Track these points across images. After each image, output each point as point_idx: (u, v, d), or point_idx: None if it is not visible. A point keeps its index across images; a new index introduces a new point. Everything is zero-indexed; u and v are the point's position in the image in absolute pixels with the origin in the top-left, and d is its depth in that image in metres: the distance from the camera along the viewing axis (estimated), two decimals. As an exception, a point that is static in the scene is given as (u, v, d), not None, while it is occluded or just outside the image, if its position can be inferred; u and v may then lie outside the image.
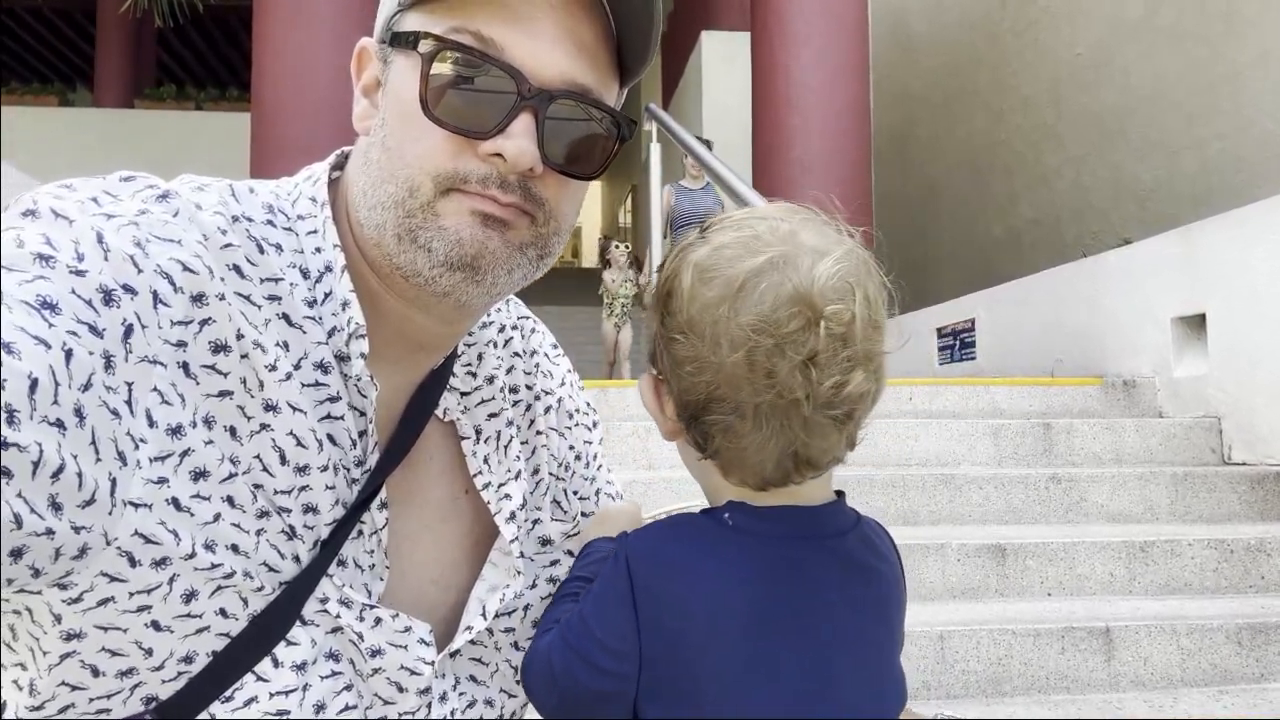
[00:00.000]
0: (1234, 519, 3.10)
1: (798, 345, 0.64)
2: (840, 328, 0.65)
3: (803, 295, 0.65)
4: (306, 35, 5.87)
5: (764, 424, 0.67)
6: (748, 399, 0.67)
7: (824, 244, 0.69)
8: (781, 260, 0.67)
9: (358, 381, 0.70)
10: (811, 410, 0.66)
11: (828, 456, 0.70)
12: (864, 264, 0.69)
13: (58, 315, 0.53)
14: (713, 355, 0.67)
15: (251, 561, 0.64)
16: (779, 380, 0.65)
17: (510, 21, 0.68)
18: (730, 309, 0.66)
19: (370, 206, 0.70)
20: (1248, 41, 5.54)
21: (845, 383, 0.65)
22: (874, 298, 0.68)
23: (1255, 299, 3.35)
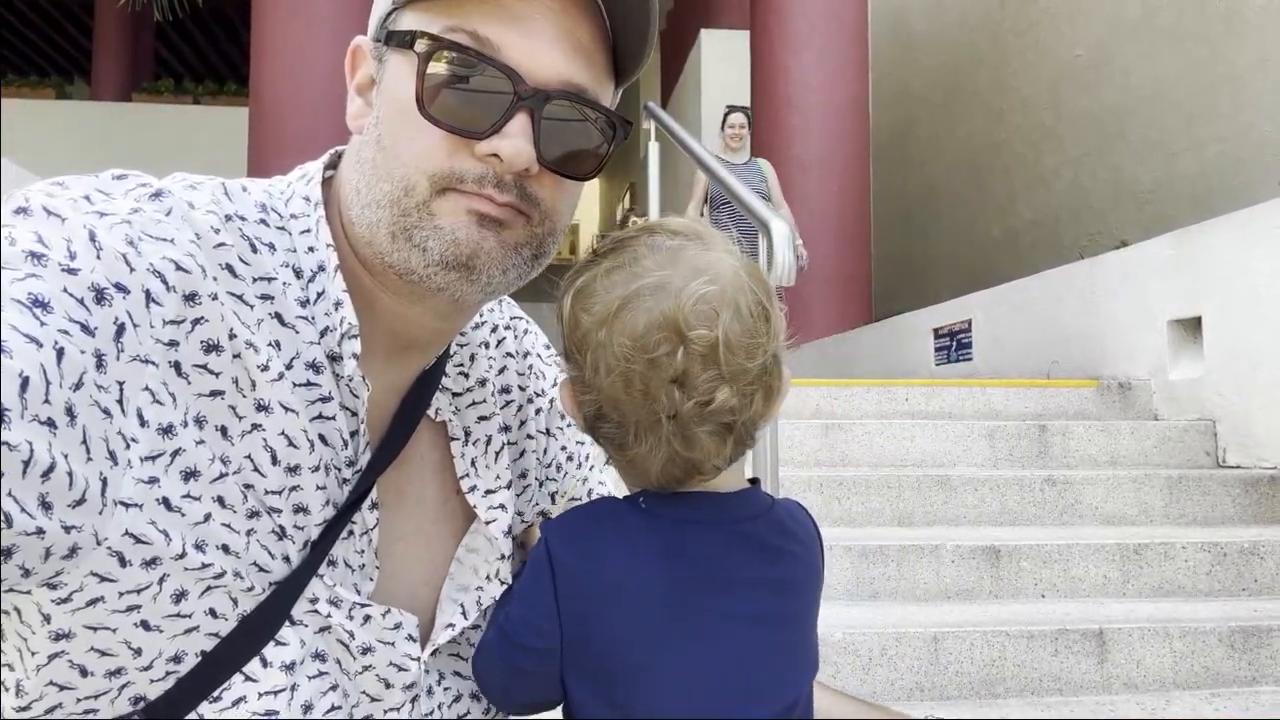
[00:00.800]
0: (1228, 522, 3.10)
1: (665, 367, 0.69)
2: (704, 349, 0.69)
3: (669, 320, 0.69)
4: (305, 31, 5.87)
5: (645, 438, 0.72)
6: (629, 415, 0.72)
7: (702, 264, 0.73)
8: (654, 286, 0.71)
9: (350, 381, 0.70)
10: (683, 425, 0.71)
11: (710, 463, 0.74)
12: (738, 281, 0.73)
13: (49, 314, 0.52)
14: (594, 377, 0.72)
15: (242, 562, 0.63)
16: (651, 399, 0.70)
17: (506, 21, 0.68)
18: (606, 334, 0.71)
19: (364, 205, 0.70)
20: (1248, 44, 5.55)
21: (710, 400, 0.70)
22: (748, 316, 0.72)
23: (1252, 303, 3.35)
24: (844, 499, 2.97)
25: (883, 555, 2.53)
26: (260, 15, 5.93)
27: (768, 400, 0.75)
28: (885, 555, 2.54)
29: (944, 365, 5.47)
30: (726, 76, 8.10)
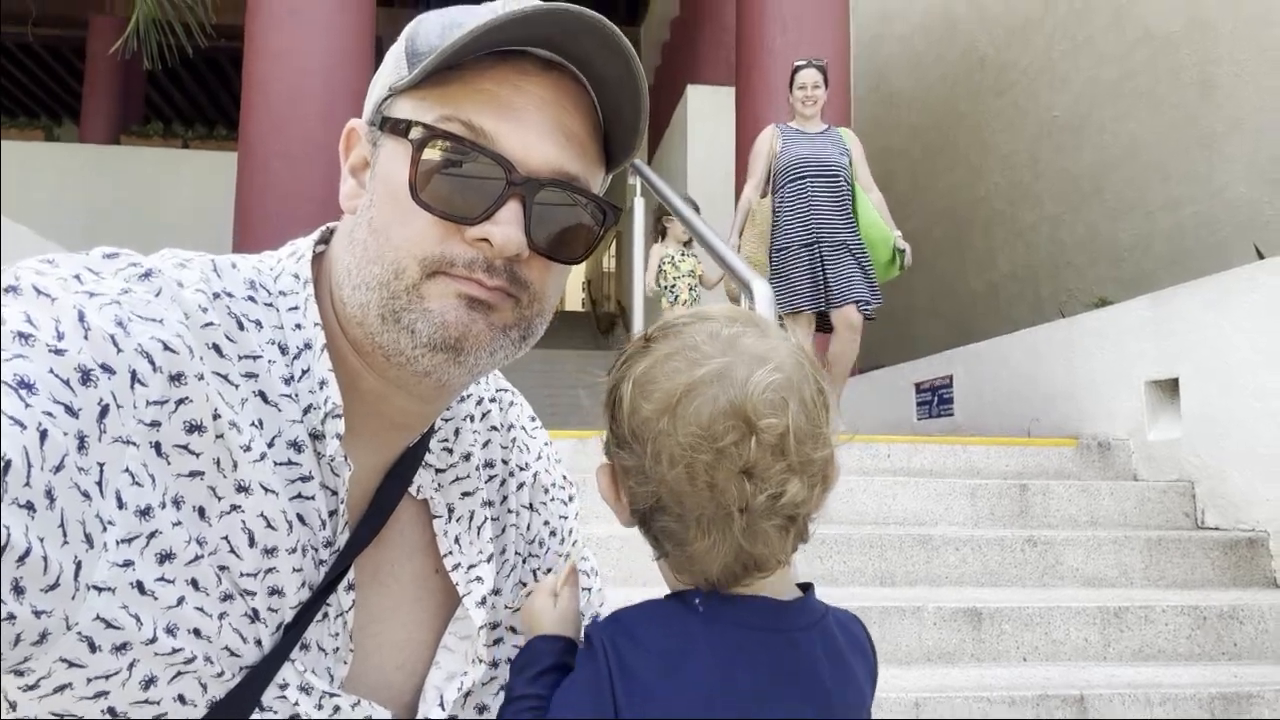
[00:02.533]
0: (1207, 584, 3.11)
1: (734, 458, 0.67)
2: (774, 439, 0.67)
3: (737, 409, 0.67)
4: (296, 77, 5.92)
5: (708, 532, 0.69)
6: (691, 509, 0.69)
7: (763, 351, 0.71)
8: (718, 373, 0.69)
9: (331, 461, 0.70)
10: (752, 519, 0.68)
11: (773, 560, 0.72)
12: (801, 371, 0.71)
13: (34, 395, 0.52)
14: (655, 468, 0.70)
15: (213, 646, 0.63)
16: (719, 491, 0.68)
17: (500, 111, 0.69)
18: (670, 423, 0.69)
19: (355, 286, 0.70)
20: (1221, 110, 5.68)
21: (781, 493, 0.68)
22: (812, 405, 0.71)
23: (1226, 366, 3.39)
24: (826, 558, 2.96)
25: (865, 616, 2.49)
26: (251, 61, 5.98)
27: (824, 491, 0.73)
28: (868, 616, 2.51)
29: (925, 420, 5.49)
30: (712, 131, 8.19)
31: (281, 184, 5.82)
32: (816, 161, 4.74)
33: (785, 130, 4.99)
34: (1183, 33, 5.99)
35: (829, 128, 4.97)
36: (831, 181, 4.71)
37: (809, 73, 4.93)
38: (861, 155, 4.94)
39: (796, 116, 4.96)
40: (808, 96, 4.92)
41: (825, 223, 4.66)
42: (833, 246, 4.62)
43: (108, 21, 12.18)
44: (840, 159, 4.79)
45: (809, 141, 4.87)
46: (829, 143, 4.88)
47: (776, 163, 4.88)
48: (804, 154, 4.79)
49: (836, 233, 4.64)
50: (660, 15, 12.98)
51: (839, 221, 4.66)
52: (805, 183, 4.70)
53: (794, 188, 4.75)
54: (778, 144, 4.93)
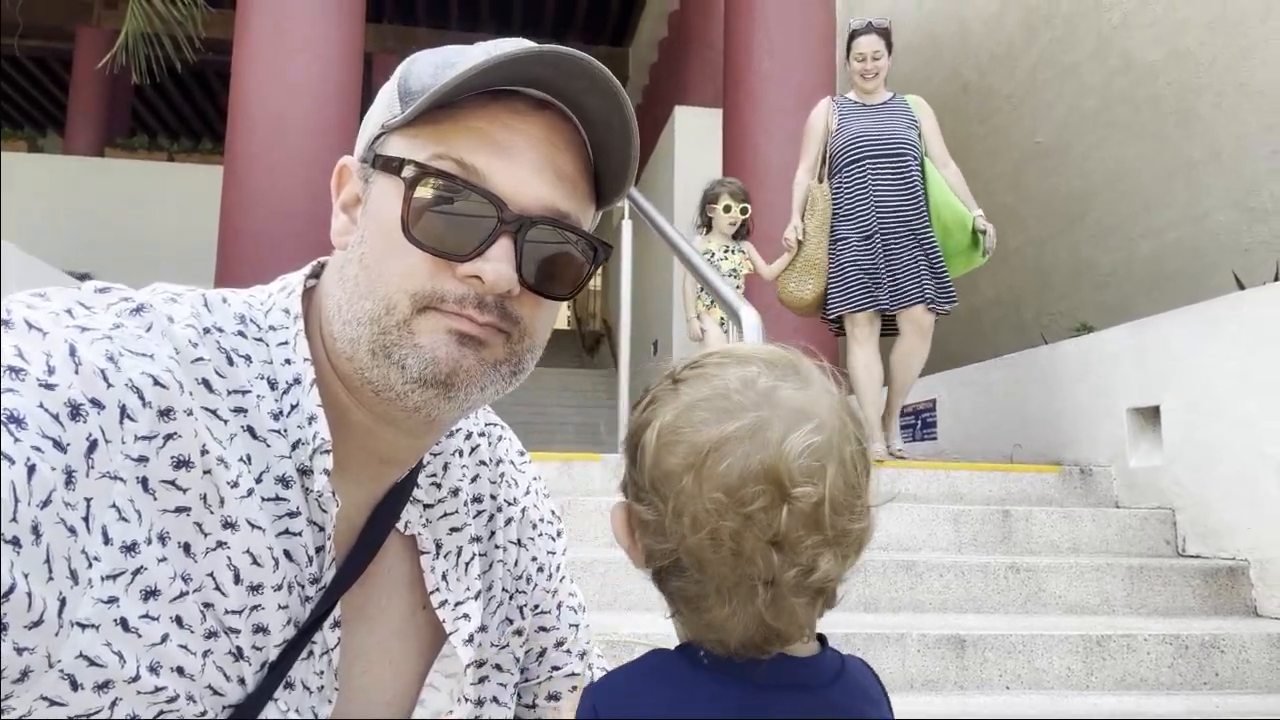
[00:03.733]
0: (1188, 613, 3.12)
1: (763, 526, 0.61)
2: (808, 509, 0.61)
3: (770, 472, 0.61)
4: (284, 93, 5.91)
5: (728, 601, 0.64)
6: (712, 575, 0.64)
7: (802, 405, 0.65)
8: (751, 430, 0.63)
9: (319, 497, 0.70)
10: (779, 594, 0.63)
11: (799, 632, 0.66)
12: (843, 428, 0.66)
13: (23, 430, 0.52)
14: (676, 527, 0.64)
15: (196, 684, 0.62)
16: (744, 560, 0.62)
17: (492, 150, 0.69)
18: (694, 482, 0.63)
19: (345, 321, 0.71)
20: (1201, 139, 5.75)
21: (813, 568, 0.62)
22: (852, 469, 0.65)
23: (1207, 395, 3.42)
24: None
25: (849, 644, 2.51)
26: (239, 76, 5.97)
27: (856, 558, 0.67)
28: (852, 644, 2.52)
29: (909, 443, 5.51)
30: (699, 152, 8.23)
31: (267, 199, 5.80)
32: (878, 138, 4.14)
33: (842, 103, 4.34)
34: (1163, 63, 6.08)
35: (893, 96, 4.31)
36: (896, 160, 4.12)
37: (868, 39, 4.23)
38: (934, 125, 4.31)
39: (855, 89, 4.33)
40: (866, 69, 4.24)
41: (888, 209, 4.10)
42: (897, 237, 4.09)
43: (94, 33, 12.15)
44: (907, 133, 4.15)
45: (870, 116, 4.22)
46: (894, 115, 4.21)
47: (832, 142, 4.25)
48: (863, 130, 4.16)
49: (902, 220, 4.08)
50: (648, 37, 13.06)
51: (905, 207, 4.09)
52: (864, 164, 4.14)
53: (852, 170, 4.16)
54: (833, 120, 4.29)
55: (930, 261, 4.09)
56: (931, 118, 4.32)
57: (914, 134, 4.19)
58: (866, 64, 4.24)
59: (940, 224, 4.11)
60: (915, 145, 4.19)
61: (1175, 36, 5.99)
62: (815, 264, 4.21)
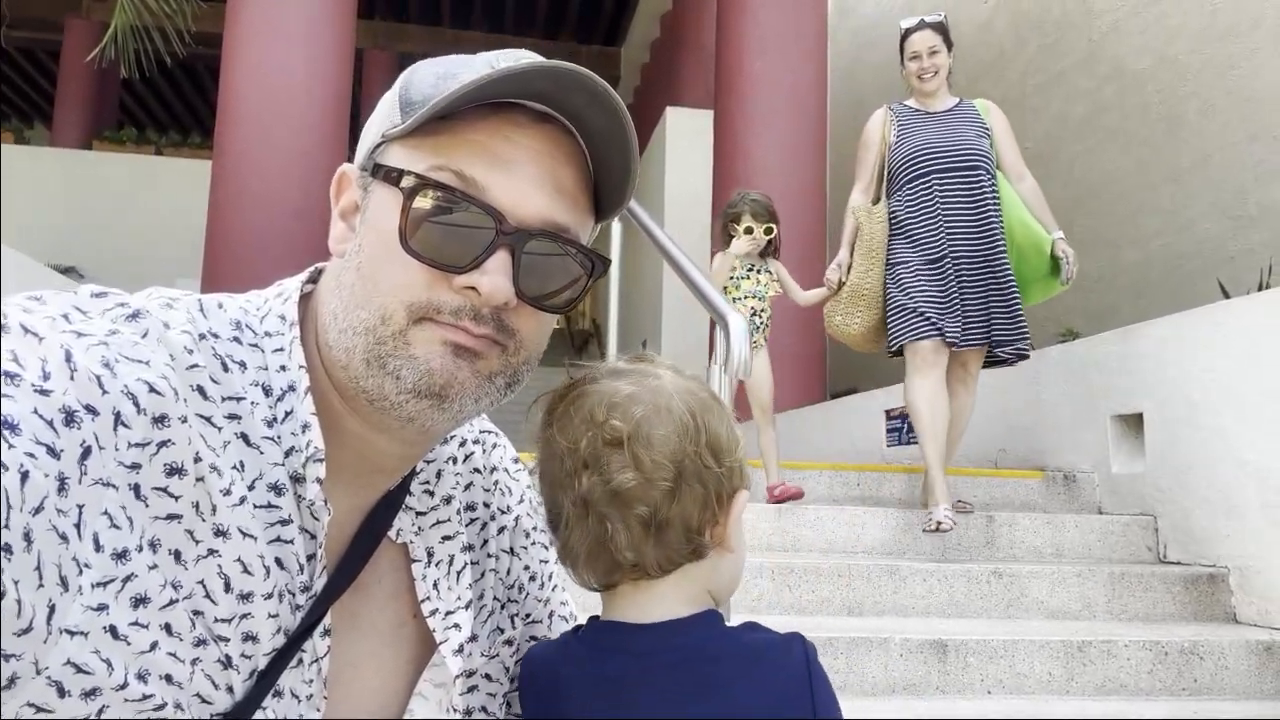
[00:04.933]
0: (1169, 619, 3.15)
1: (582, 454, 0.77)
2: (612, 436, 0.76)
3: (592, 414, 0.78)
4: (273, 88, 5.90)
5: (571, 525, 0.79)
6: (560, 501, 0.79)
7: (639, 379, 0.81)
8: (593, 391, 0.80)
9: (311, 505, 0.70)
10: (595, 508, 0.76)
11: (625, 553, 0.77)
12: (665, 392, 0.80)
13: (17, 436, 0.52)
14: (541, 470, 0.82)
15: (184, 693, 0.62)
16: (574, 482, 0.77)
17: (491, 162, 0.70)
18: (550, 431, 0.81)
19: (341, 330, 0.71)
20: (1188, 146, 5.79)
21: (611, 480, 0.75)
22: (667, 415, 0.78)
23: (1189, 403, 3.45)
24: (795, 586, 2.97)
25: (832, 647, 2.53)
26: (229, 71, 5.95)
27: (703, 508, 0.78)
28: (835, 647, 2.54)
29: (895, 447, 5.53)
30: (690, 153, 8.25)
31: (256, 194, 5.79)
32: (945, 149, 3.59)
33: (900, 112, 3.80)
34: (1151, 70, 6.12)
35: (960, 101, 3.76)
36: (967, 174, 3.57)
37: (922, 36, 3.72)
38: (1007, 131, 3.75)
39: (914, 93, 3.80)
40: (924, 68, 3.70)
41: (960, 231, 3.55)
42: (971, 263, 3.54)
43: (83, 25, 12.07)
44: (978, 141, 3.61)
45: (934, 124, 3.68)
46: (962, 122, 3.67)
47: (891, 155, 3.72)
48: (928, 140, 3.63)
49: (974, 244, 3.55)
50: (640, 37, 13.06)
51: (978, 228, 3.55)
52: (930, 179, 3.60)
53: (916, 186, 3.62)
54: (891, 131, 3.76)
55: (1004, 297, 3.54)
56: (1004, 124, 3.76)
57: (985, 143, 3.64)
58: (923, 62, 3.69)
59: (1014, 246, 3.60)
60: (987, 156, 3.63)
61: (1165, 44, 6.03)
62: (864, 294, 3.68)
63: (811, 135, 6.64)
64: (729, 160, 6.56)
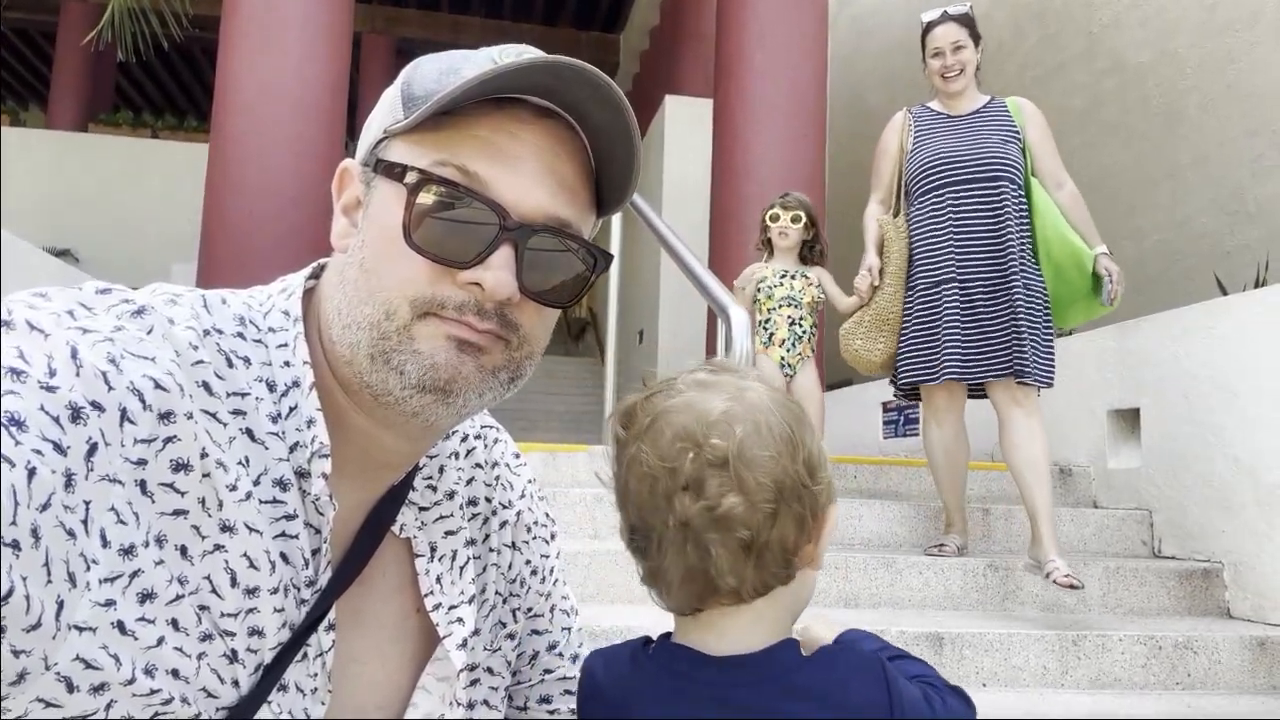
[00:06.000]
0: (1163, 613, 3.16)
1: (680, 474, 0.73)
2: (715, 457, 0.72)
3: (689, 431, 0.73)
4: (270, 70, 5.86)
5: (664, 549, 0.74)
6: (652, 525, 0.75)
7: (730, 390, 0.77)
8: (683, 404, 0.76)
9: (316, 500, 0.70)
10: (694, 533, 0.73)
11: (725, 580, 0.74)
12: (761, 406, 0.76)
13: (24, 432, 0.52)
14: (625, 489, 0.77)
15: (190, 687, 0.62)
16: (670, 505, 0.73)
17: (494, 157, 0.70)
18: (637, 447, 0.76)
19: (344, 325, 0.71)
20: (1186, 142, 5.80)
21: (717, 505, 0.72)
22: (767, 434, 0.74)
23: (1185, 399, 3.46)
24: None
25: (828, 639, 2.54)
26: (226, 54, 5.91)
27: (800, 529, 0.75)
28: (830, 639, 2.54)
29: (891, 440, 5.54)
30: (689, 141, 8.22)
31: (253, 179, 5.75)
32: (962, 157, 3.21)
33: (921, 115, 3.43)
34: (1151, 64, 6.12)
35: (990, 100, 3.36)
36: (985, 185, 3.18)
37: (945, 30, 3.33)
38: (1044, 133, 3.32)
39: (938, 96, 3.41)
40: (947, 66, 3.31)
41: (971, 249, 3.17)
42: (984, 285, 3.15)
43: (79, 6, 11.98)
44: (1004, 147, 3.21)
45: (953, 129, 3.29)
46: (987, 126, 3.27)
47: (907, 164, 3.37)
48: (943, 148, 3.26)
49: (990, 263, 3.14)
50: (640, 24, 13.01)
51: (993, 245, 3.15)
52: (943, 192, 3.22)
53: (927, 201, 3.26)
54: (908, 137, 3.40)
55: (1029, 317, 3.10)
56: (1041, 125, 3.33)
57: (1014, 148, 3.23)
58: (945, 59, 3.30)
59: (1050, 263, 3.18)
60: (1014, 163, 3.21)
61: (1164, 38, 6.02)
62: (887, 319, 3.33)
63: (811, 126, 6.62)
64: (728, 149, 6.54)
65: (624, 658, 0.81)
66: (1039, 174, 3.27)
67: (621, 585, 2.78)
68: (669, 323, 7.89)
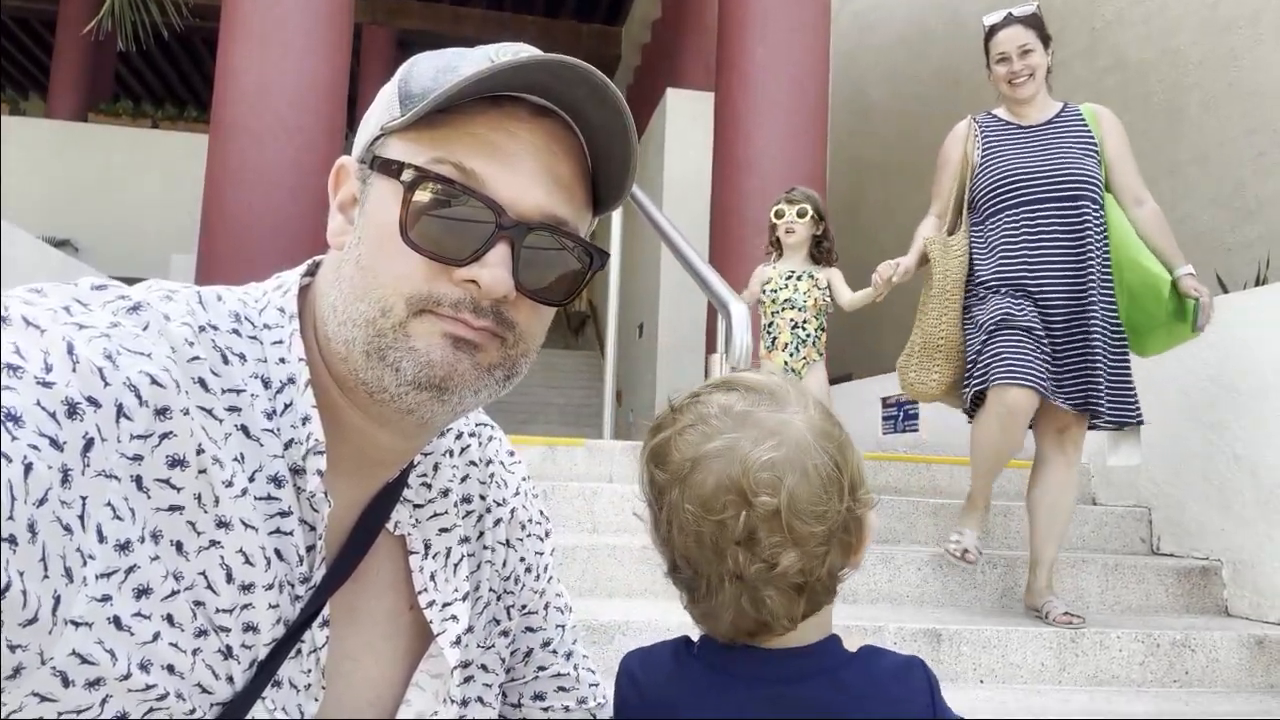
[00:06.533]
0: (1161, 611, 3.17)
1: (732, 529, 0.72)
2: (767, 514, 0.71)
3: (735, 484, 0.72)
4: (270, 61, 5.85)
5: (715, 594, 0.74)
6: (701, 570, 0.74)
7: (772, 425, 0.75)
8: (723, 449, 0.73)
9: (311, 497, 0.70)
10: (749, 587, 0.73)
11: (780, 623, 0.74)
12: (804, 447, 0.74)
13: (21, 428, 0.52)
14: (668, 532, 0.76)
15: (185, 682, 0.62)
16: (721, 558, 0.72)
17: (491, 155, 0.70)
18: (679, 494, 0.74)
19: (340, 322, 0.71)
20: (1188, 139, 5.79)
21: (775, 564, 0.71)
22: (815, 478, 0.73)
23: (1185, 396, 3.46)
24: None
25: (825, 635, 2.54)
26: (226, 44, 5.90)
27: (846, 554, 0.76)
28: (828, 635, 2.55)
29: (891, 434, 5.54)
30: (690, 135, 8.21)
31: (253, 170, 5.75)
32: (1040, 173, 2.90)
33: (987, 124, 3.10)
34: (1153, 62, 6.11)
35: (1064, 108, 3.04)
36: (1066, 205, 2.87)
37: (1010, 34, 3.00)
38: (1122, 144, 3.01)
39: (1004, 103, 3.09)
40: (1014, 72, 2.98)
41: (1053, 277, 2.86)
42: (1065, 316, 2.85)
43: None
44: (1083, 161, 2.90)
45: (1027, 141, 2.98)
46: (1063, 137, 2.95)
47: (974, 179, 3.04)
48: (1018, 162, 2.94)
49: (1070, 293, 2.85)
50: (641, 16, 12.99)
51: (1077, 272, 2.84)
52: (1019, 212, 2.91)
53: (1000, 222, 2.94)
54: (974, 148, 3.07)
55: (1106, 351, 2.83)
56: (1119, 135, 3.02)
57: (1092, 162, 2.92)
58: (1013, 64, 2.98)
59: (1123, 288, 2.89)
60: (1094, 179, 2.91)
61: (1167, 36, 6.01)
62: (940, 344, 3.03)
63: (813, 120, 6.61)
64: (729, 143, 6.53)
65: (665, 657, 0.82)
66: (1116, 189, 2.98)
67: (620, 579, 2.79)
68: (669, 316, 7.89)
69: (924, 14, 9.06)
